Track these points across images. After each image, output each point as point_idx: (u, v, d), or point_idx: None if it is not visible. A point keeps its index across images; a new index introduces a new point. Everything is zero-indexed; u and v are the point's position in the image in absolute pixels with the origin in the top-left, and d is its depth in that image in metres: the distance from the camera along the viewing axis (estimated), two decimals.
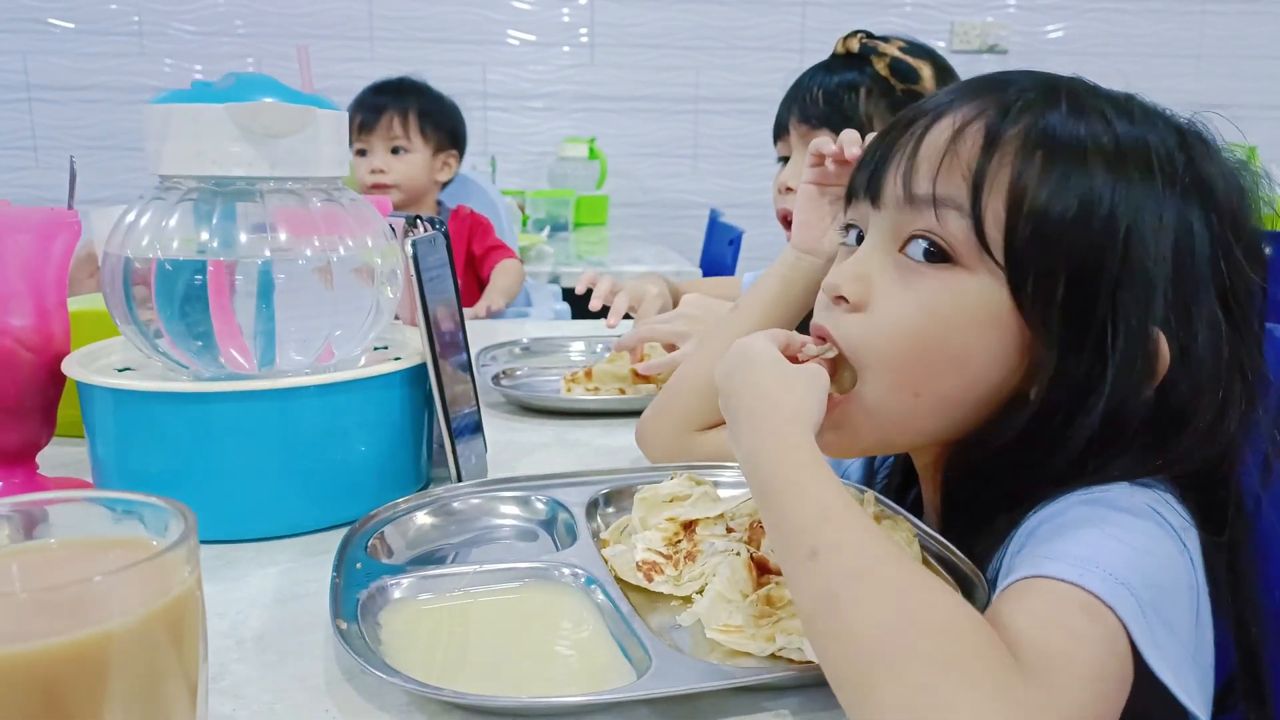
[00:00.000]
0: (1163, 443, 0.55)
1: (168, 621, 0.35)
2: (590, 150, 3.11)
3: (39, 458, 0.75)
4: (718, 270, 2.49)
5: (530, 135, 3.26)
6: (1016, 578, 0.48)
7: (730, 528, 0.68)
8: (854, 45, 1.12)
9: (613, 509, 0.74)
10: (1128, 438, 0.54)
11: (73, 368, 0.71)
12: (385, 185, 1.89)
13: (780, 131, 1.20)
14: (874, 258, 0.59)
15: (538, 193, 3.01)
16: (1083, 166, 0.54)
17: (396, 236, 0.77)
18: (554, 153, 3.20)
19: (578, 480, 0.75)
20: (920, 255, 0.57)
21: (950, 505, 0.63)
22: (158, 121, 0.69)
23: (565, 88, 3.24)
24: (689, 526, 0.68)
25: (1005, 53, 3.32)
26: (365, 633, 0.54)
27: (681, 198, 3.35)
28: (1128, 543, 0.48)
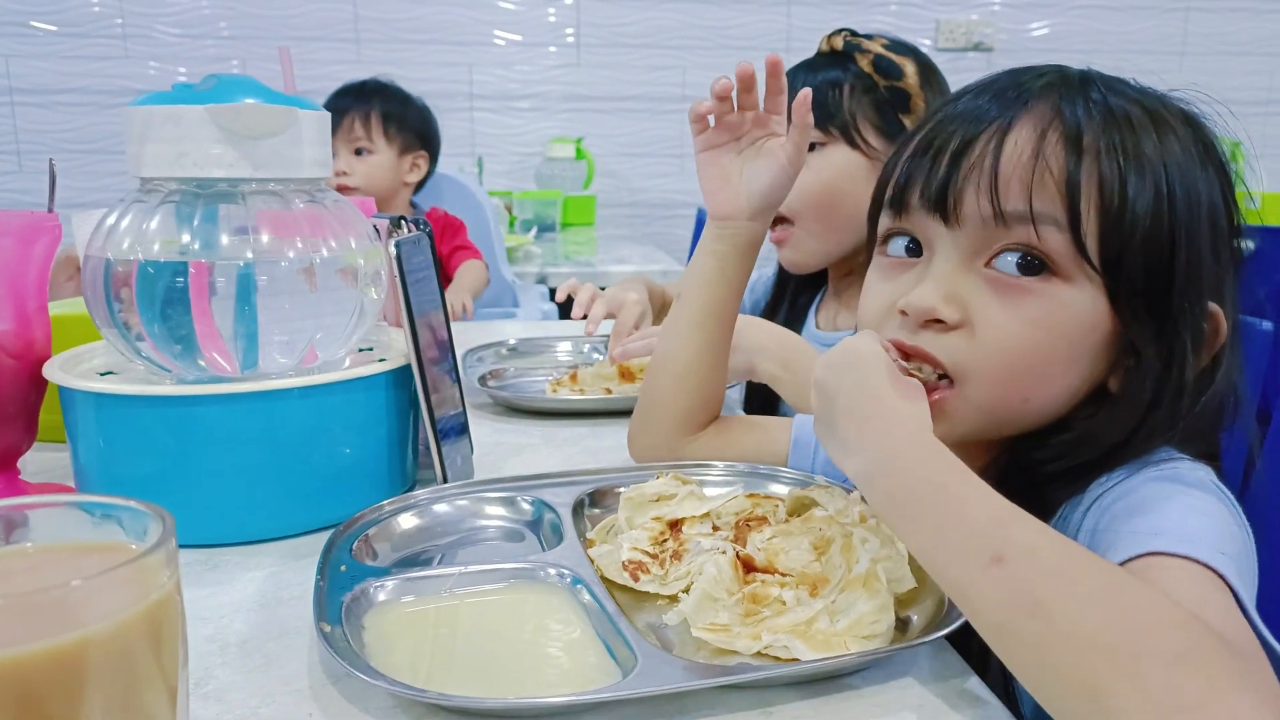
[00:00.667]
0: (1200, 413, 0.57)
1: (147, 626, 0.35)
2: (577, 150, 3.10)
3: (21, 463, 0.74)
4: None
5: (517, 136, 3.25)
6: (1123, 557, 0.49)
7: (716, 526, 0.68)
8: (838, 43, 1.11)
9: (599, 509, 0.73)
10: (1182, 409, 0.57)
11: (54, 372, 0.71)
12: (348, 188, 1.87)
13: None
14: (958, 276, 0.60)
15: (525, 193, 3.00)
16: (1144, 157, 0.56)
17: (380, 237, 0.77)
18: (541, 153, 3.19)
19: (564, 481, 0.75)
20: (1013, 269, 0.57)
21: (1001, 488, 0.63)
22: (138, 124, 0.68)
23: (552, 88, 3.23)
24: (675, 525, 0.68)
25: (990, 50, 3.33)
26: (350, 635, 0.54)
27: (669, 198, 3.34)
28: (1208, 515, 0.51)
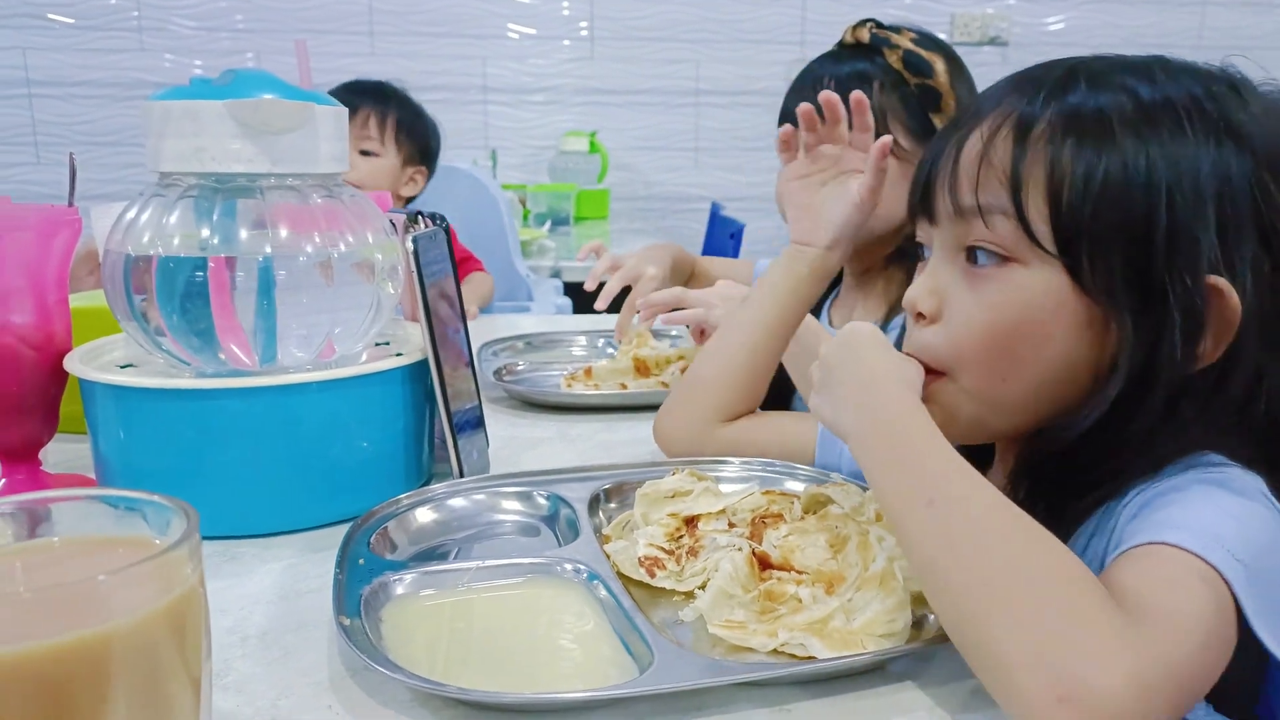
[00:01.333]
0: (1240, 408, 0.57)
1: (170, 620, 0.35)
2: (591, 144, 3.10)
3: (42, 454, 0.75)
4: None
5: (531, 129, 3.25)
6: (1137, 543, 0.50)
7: (732, 523, 0.68)
8: (864, 35, 1.10)
9: (614, 504, 0.74)
10: (1207, 401, 0.56)
11: (74, 365, 0.71)
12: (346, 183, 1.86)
13: (787, 122, 1.17)
14: (942, 270, 0.63)
15: (539, 186, 3.00)
16: (1110, 139, 0.56)
17: (397, 232, 0.77)
18: (555, 147, 3.19)
19: (580, 476, 0.75)
20: (982, 261, 0.60)
21: (1029, 493, 0.63)
22: (157, 118, 0.68)
23: (566, 81, 3.23)
24: (691, 522, 0.68)
25: (1006, 44, 3.31)
26: (368, 629, 0.54)
27: (683, 191, 3.34)
28: (1242, 520, 0.51)
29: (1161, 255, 0.55)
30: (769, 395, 1.05)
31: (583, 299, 1.26)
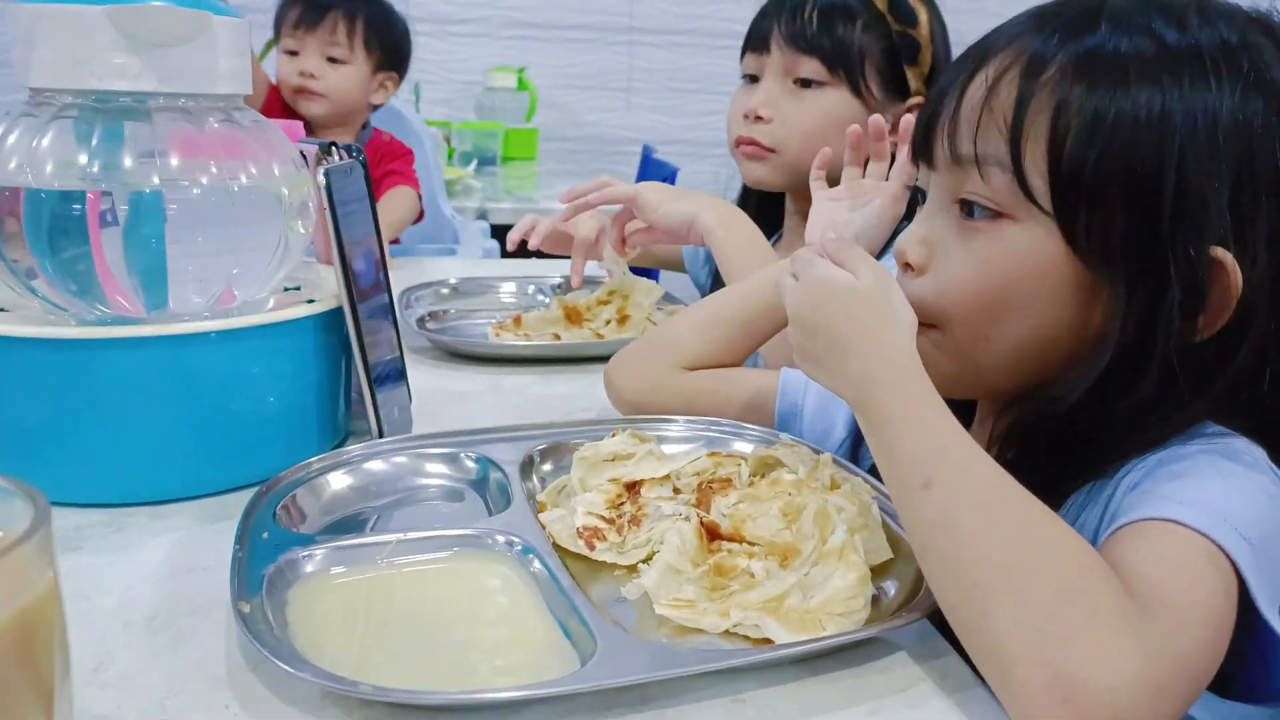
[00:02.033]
0: (1243, 383, 0.54)
1: (16, 637, 0.29)
2: (520, 81, 2.99)
3: None
4: None
5: (457, 62, 3.12)
6: (1138, 516, 0.48)
7: (677, 489, 0.63)
8: None
9: (550, 466, 0.68)
10: (1208, 377, 0.53)
11: None
12: (313, 93, 1.73)
13: (757, 46, 1.09)
14: (935, 219, 0.60)
15: (464, 124, 2.89)
16: (1124, 88, 0.52)
17: (307, 165, 0.70)
18: (481, 82, 3.07)
19: (511, 435, 0.70)
20: (975, 213, 0.57)
21: (1015, 461, 0.60)
22: (25, 24, 0.61)
23: (494, 13, 3.09)
24: (633, 488, 0.63)
25: None
26: (271, 614, 0.48)
27: (614, 133, 3.25)
28: (1250, 495, 0.49)
29: (1166, 220, 0.51)
30: None
31: (514, 247, 1.19)
